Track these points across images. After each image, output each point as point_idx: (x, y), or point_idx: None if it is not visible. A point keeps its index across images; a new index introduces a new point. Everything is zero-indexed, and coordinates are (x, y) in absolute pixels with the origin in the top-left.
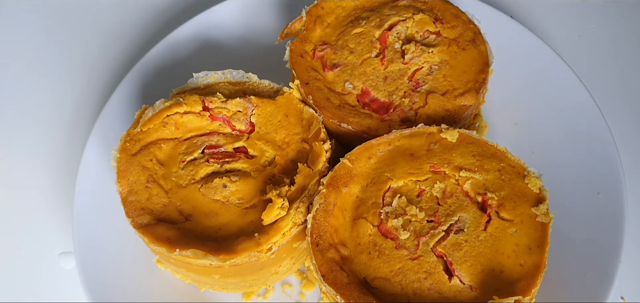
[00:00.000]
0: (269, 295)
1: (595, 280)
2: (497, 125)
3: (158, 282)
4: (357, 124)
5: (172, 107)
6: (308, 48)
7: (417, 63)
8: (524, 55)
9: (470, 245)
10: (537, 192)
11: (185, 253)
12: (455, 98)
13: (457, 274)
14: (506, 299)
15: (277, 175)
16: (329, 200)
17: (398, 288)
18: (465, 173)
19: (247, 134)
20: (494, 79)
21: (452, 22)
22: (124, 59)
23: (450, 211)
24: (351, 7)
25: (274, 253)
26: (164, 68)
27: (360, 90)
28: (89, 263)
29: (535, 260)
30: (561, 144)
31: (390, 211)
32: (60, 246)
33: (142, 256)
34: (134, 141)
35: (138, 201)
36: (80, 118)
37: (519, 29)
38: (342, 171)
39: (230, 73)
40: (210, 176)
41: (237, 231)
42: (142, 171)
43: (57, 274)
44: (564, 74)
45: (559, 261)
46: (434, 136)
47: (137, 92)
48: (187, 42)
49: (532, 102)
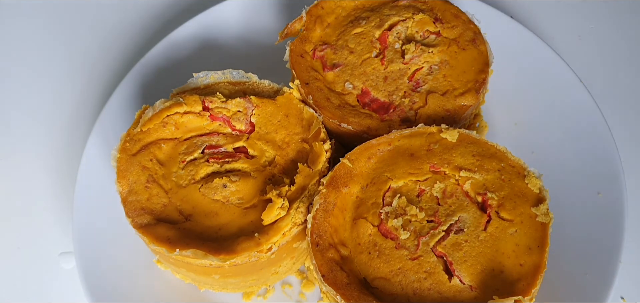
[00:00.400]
0: (269, 295)
1: (595, 280)
2: (497, 125)
3: (158, 282)
4: (357, 124)
5: (172, 107)
6: (308, 48)
7: (417, 63)
8: (524, 55)
9: (470, 245)
10: (537, 192)
11: (185, 253)
12: (455, 98)
13: (457, 274)
14: (506, 299)
15: (277, 175)
16: (329, 200)
17: (398, 288)
18: (465, 173)
19: (247, 134)
20: (494, 79)
21: (452, 22)
22: (124, 59)
23: (450, 211)
24: (351, 7)
25: (274, 253)
26: (164, 68)
27: (360, 90)
28: (89, 263)
29: (535, 260)
30: (561, 144)
31: (390, 211)
32: (60, 246)
33: (142, 256)
34: (134, 141)
35: (138, 201)
36: (80, 118)
37: (519, 29)
38: (342, 171)
39: (230, 73)
40: (210, 176)
41: (237, 231)
42: (142, 171)
43: (57, 274)
44: (564, 74)
45: (559, 261)
46: (434, 136)
47: (137, 92)
48: (187, 42)
49: (532, 102)
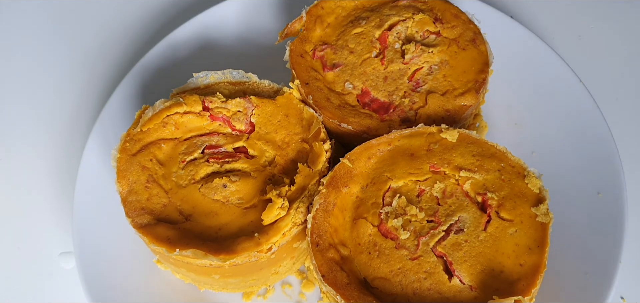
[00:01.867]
0: (269, 295)
1: (595, 280)
2: (497, 125)
3: (158, 282)
4: (357, 124)
5: (172, 107)
6: (308, 48)
7: (417, 63)
8: (524, 55)
9: (470, 245)
10: (537, 192)
11: (185, 253)
12: (455, 98)
13: (457, 274)
14: (506, 299)
15: (277, 175)
16: (329, 200)
17: (398, 288)
18: (465, 173)
19: (247, 134)
20: (494, 79)
21: (452, 22)
22: (124, 59)
23: (450, 211)
24: (351, 7)
25: (274, 253)
26: (163, 68)
27: (360, 90)
28: (89, 263)
29: (535, 260)
30: (561, 144)
31: (390, 211)
32: (60, 246)
33: (142, 256)
34: (134, 141)
35: (138, 201)
36: (80, 118)
37: (519, 29)
38: (342, 171)
39: (230, 73)
40: (210, 176)
41: (237, 231)
42: (142, 171)
43: (57, 274)
44: (564, 74)
45: (559, 261)
46: (434, 136)
47: (137, 92)
48: (187, 42)
49: (532, 102)
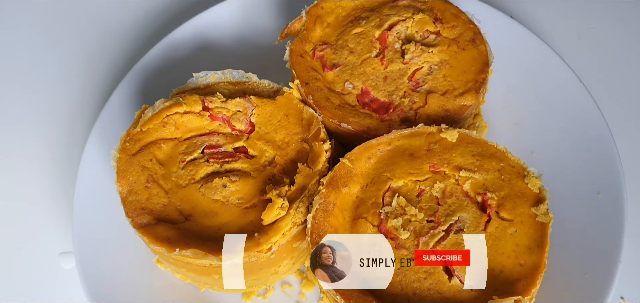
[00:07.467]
0: (269, 295)
1: (595, 280)
2: (497, 125)
3: (158, 282)
4: (357, 124)
5: (172, 107)
6: (308, 48)
7: (417, 63)
8: (524, 55)
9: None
10: (537, 192)
11: (185, 253)
12: (455, 98)
13: (457, 274)
14: (506, 299)
15: (277, 175)
16: (328, 199)
17: (398, 288)
18: (465, 173)
19: (247, 134)
20: (494, 79)
21: (452, 22)
22: (124, 59)
23: (450, 211)
24: (351, 7)
25: (273, 253)
26: (163, 68)
27: (360, 90)
28: (89, 263)
29: (535, 260)
30: (561, 144)
31: (390, 211)
32: (60, 246)
33: (142, 256)
34: (134, 141)
35: (138, 201)
36: (80, 118)
37: (519, 29)
38: (342, 171)
39: (230, 73)
40: (210, 176)
41: (237, 231)
42: (142, 171)
43: (57, 274)
44: (564, 74)
45: (559, 261)
46: (434, 136)
47: (137, 92)
48: (186, 42)
49: (532, 102)
